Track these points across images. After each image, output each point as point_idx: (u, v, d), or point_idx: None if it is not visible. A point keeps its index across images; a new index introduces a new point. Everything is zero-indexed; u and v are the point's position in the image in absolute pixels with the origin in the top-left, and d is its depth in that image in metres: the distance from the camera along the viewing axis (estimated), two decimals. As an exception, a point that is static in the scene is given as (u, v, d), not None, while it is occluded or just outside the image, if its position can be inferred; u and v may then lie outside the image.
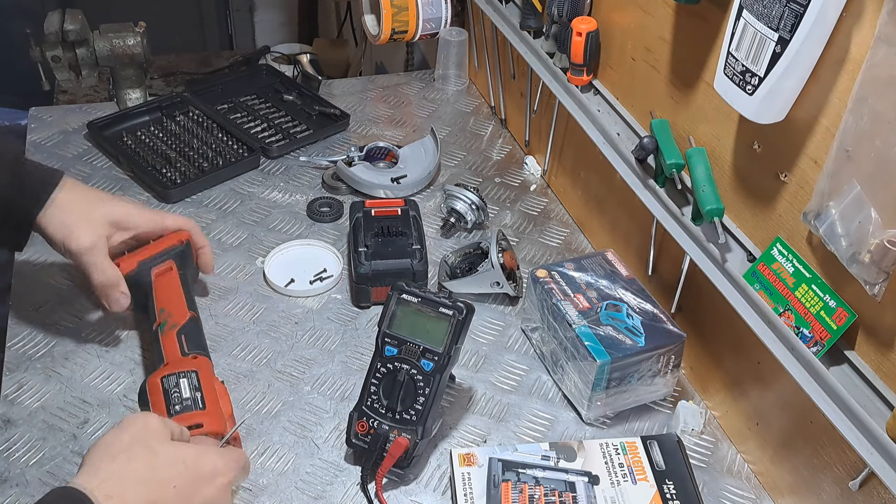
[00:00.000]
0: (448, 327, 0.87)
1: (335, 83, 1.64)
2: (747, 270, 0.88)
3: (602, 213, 1.23)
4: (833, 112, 0.75)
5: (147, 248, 1.03)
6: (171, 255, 1.03)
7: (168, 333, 0.94)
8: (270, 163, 1.38)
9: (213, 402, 0.86)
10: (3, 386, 0.97)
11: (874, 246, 0.69)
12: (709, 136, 0.94)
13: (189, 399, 0.85)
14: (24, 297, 1.09)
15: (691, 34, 0.95)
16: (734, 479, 0.93)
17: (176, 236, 1.04)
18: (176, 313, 0.97)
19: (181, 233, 1.05)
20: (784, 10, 0.72)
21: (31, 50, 1.35)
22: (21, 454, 0.90)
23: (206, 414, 0.84)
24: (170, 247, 1.03)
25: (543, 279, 1.02)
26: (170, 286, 1.00)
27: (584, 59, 1.13)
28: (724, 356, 0.97)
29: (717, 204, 0.89)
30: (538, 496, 0.86)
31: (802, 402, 0.80)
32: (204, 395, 0.86)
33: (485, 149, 1.47)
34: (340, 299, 1.13)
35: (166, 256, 1.03)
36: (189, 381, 0.87)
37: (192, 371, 0.88)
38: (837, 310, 0.77)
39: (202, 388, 0.87)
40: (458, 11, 1.61)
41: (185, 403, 0.85)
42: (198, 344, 0.95)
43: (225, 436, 0.84)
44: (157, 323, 0.96)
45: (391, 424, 0.88)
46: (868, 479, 0.76)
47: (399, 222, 1.16)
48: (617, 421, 0.99)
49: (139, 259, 1.01)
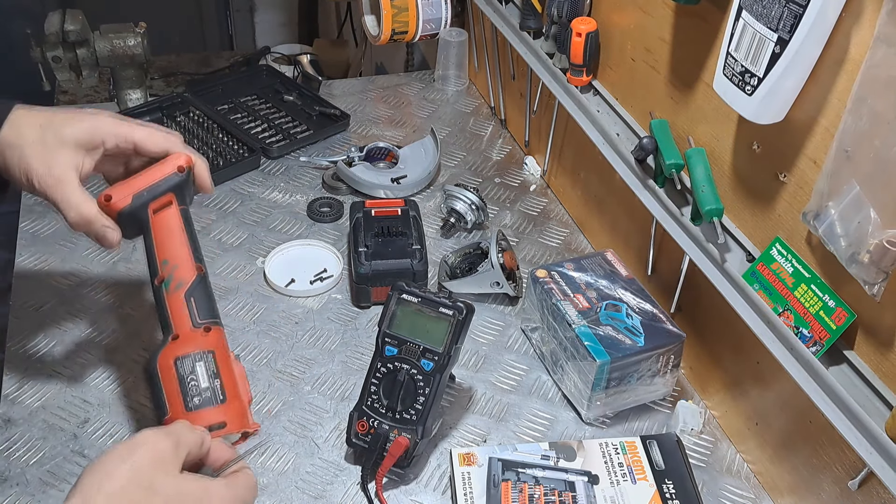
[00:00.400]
0: (448, 327, 0.88)
1: (335, 83, 1.64)
2: (746, 270, 0.88)
3: (602, 213, 1.23)
4: (832, 112, 0.75)
5: (140, 177, 0.83)
6: (171, 187, 0.83)
7: (174, 295, 0.81)
8: (271, 163, 1.39)
9: (234, 391, 0.78)
10: (3, 386, 0.97)
11: (873, 246, 0.69)
12: (708, 136, 0.94)
13: (208, 389, 0.77)
14: (25, 297, 1.09)
15: (691, 35, 0.95)
16: (733, 478, 0.93)
17: (174, 161, 0.84)
18: (182, 266, 0.82)
19: (177, 156, 0.84)
20: (783, 11, 0.73)
21: (32, 50, 1.36)
22: (21, 454, 0.90)
23: (228, 408, 0.77)
24: (168, 175, 0.83)
25: (543, 279, 1.03)
26: (171, 229, 0.83)
27: (583, 59, 1.14)
28: (724, 356, 0.98)
29: (717, 204, 0.89)
30: (538, 496, 0.86)
31: (802, 401, 0.80)
32: (223, 383, 0.78)
33: (485, 149, 1.47)
34: (340, 299, 1.14)
35: (165, 188, 0.83)
36: (206, 364, 0.77)
37: (208, 352, 0.78)
38: (836, 310, 0.77)
39: (220, 372, 0.78)
40: (458, 12, 1.62)
41: (204, 396, 0.76)
42: (210, 308, 0.82)
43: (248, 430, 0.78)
44: (160, 279, 0.82)
45: (391, 424, 0.88)
46: (867, 478, 0.76)
47: (399, 222, 1.16)
48: (616, 421, 0.99)
49: (133, 192, 0.81)
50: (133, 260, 1.16)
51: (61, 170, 0.78)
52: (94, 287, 1.11)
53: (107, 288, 1.11)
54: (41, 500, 0.85)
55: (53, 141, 0.79)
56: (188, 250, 0.83)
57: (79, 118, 0.81)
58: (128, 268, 1.15)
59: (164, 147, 0.84)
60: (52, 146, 0.78)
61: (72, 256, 1.16)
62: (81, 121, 0.81)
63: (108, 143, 0.81)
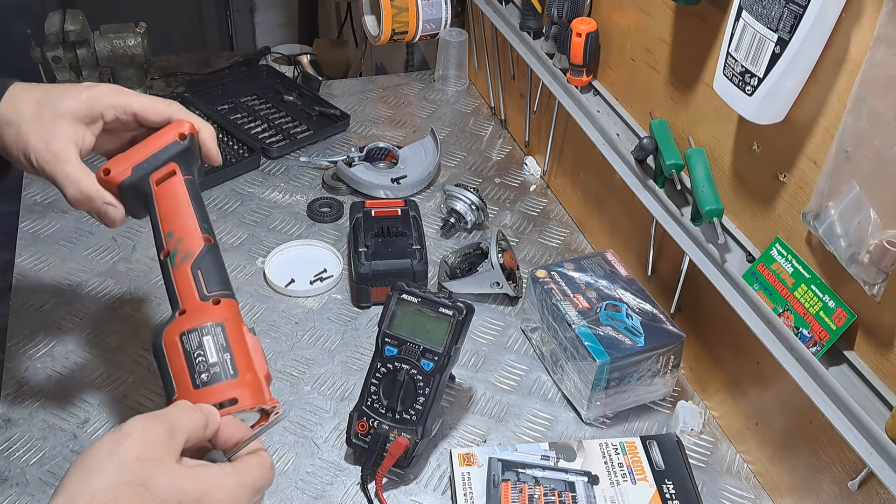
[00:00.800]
0: (448, 327, 0.88)
1: (335, 84, 1.64)
2: (746, 271, 0.88)
3: (602, 213, 1.23)
4: (832, 112, 0.75)
5: (140, 148, 0.78)
6: (173, 156, 0.78)
7: (181, 268, 0.75)
8: (271, 163, 1.39)
9: (246, 363, 0.72)
10: (3, 386, 0.97)
11: (873, 246, 0.69)
12: (708, 136, 0.94)
13: (216, 364, 0.70)
14: (25, 297, 1.09)
15: (691, 35, 0.95)
16: (733, 478, 0.93)
17: (174, 128, 0.79)
18: (188, 238, 0.76)
19: (179, 123, 0.79)
20: (783, 11, 0.73)
21: (32, 50, 1.36)
22: (21, 454, 0.90)
23: (239, 383, 0.70)
24: (169, 143, 0.78)
25: (543, 279, 1.03)
26: (176, 199, 0.78)
27: (583, 59, 1.14)
28: (724, 356, 0.98)
29: (717, 204, 0.89)
30: (538, 496, 0.86)
31: (802, 402, 0.80)
32: (234, 357, 0.71)
33: (485, 149, 1.47)
34: (340, 299, 1.14)
35: (166, 157, 0.78)
36: (214, 338, 0.71)
37: (217, 324, 0.72)
38: (836, 310, 0.77)
39: (231, 345, 0.71)
40: (458, 12, 1.62)
41: (213, 371, 0.70)
42: (219, 280, 0.76)
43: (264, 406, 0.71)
44: (165, 252, 0.76)
45: (391, 424, 0.88)
46: (867, 479, 0.76)
47: (399, 222, 1.16)
48: (616, 421, 0.99)
49: (132, 164, 0.77)
50: (133, 260, 1.16)
51: (60, 145, 0.74)
52: (94, 287, 1.11)
53: (107, 288, 1.11)
54: (41, 500, 0.85)
55: (51, 116, 0.75)
56: (194, 220, 0.77)
57: (76, 91, 0.77)
58: (128, 268, 1.15)
59: (165, 114, 0.79)
60: (49, 121, 0.75)
61: (72, 256, 1.16)
62: (79, 93, 0.77)
63: (107, 115, 0.77)
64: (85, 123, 0.77)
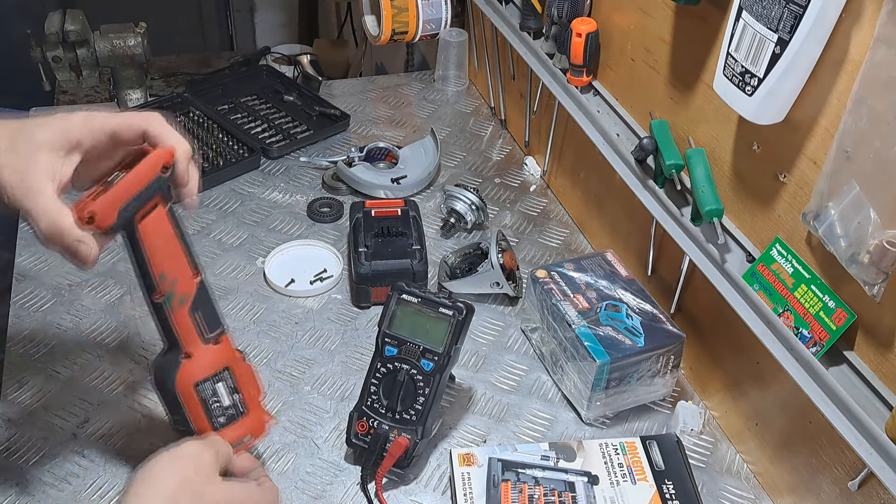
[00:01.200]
0: (448, 327, 0.88)
1: (335, 84, 1.64)
2: (746, 271, 0.88)
3: (602, 213, 1.23)
4: (832, 113, 0.75)
5: (122, 184, 0.72)
6: (157, 189, 0.74)
7: (179, 311, 0.77)
8: (271, 163, 1.39)
9: (254, 399, 0.83)
10: (3, 386, 0.97)
11: (873, 246, 0.69)
12: (708, 136, 0.94)
13: (230, 406, 0.80)
14: (24, 297, 1.09)
15: (691, 35, 0.95)
16: (733, 479, 0.93)
17: (157, 160, 0.74)
18: (181, 278, 0.76)
19: (159, 154, 0.74)
20: (783, 11, 0.73)
21: (32, 50, 1.36)
22: (21, 454, 0.90)
23: (251, 420, 0.82)
24: (153, 179, 0.73)
25: (543, 279, 1.03)
26: (163, 236, 0.75)
27: (583, 59, 1.14)
28: (724, 356, 0.98)
29: (717, 204, 0.89)
30: (538, 496, 0.86)
31: (801, 402, 0.80)
32: (243, 395, 0.81)
33: (485, 149, 1.47)
34: (340, 299, 1.14)
35: (151, 192, 0.73)
36: (225, 382, 0.80)
37: (224, 370, 0.80)
38: (836, 310, 0.77)
39: (238, 386, 0.81)
40: (458, 12, 1.62)
41: (229, 413, 0.80)
42: (214, 317, 0.80)
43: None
44: (161, 295, 0.76)
45: (391, 424, 0.88)
46: (867, 479, 0.76)
47: (399, 223, 1.16)
48: (616, 421, 0.99)
49: (117, 206, 0.71)
50: (133, 260, 1.16)
51: (35, 178, 0.70)
52: (94, 287, 1.11)
53: (107, 288, 1.11)
54: (41, 500, 0.85)
55: (26, 147, 0.71)
56: (185, 259, 0.77)
57: (50, 121, 0.73)
58: (128, 268, 1.13)
59: (139, 128, 0.75)
60: (24, 153, 0.71)
61: (72, 256, 1.16)
62: (52, 123, 0.73)
63: (84, 143, 0.73)
64: (61, 154, 0.72)
